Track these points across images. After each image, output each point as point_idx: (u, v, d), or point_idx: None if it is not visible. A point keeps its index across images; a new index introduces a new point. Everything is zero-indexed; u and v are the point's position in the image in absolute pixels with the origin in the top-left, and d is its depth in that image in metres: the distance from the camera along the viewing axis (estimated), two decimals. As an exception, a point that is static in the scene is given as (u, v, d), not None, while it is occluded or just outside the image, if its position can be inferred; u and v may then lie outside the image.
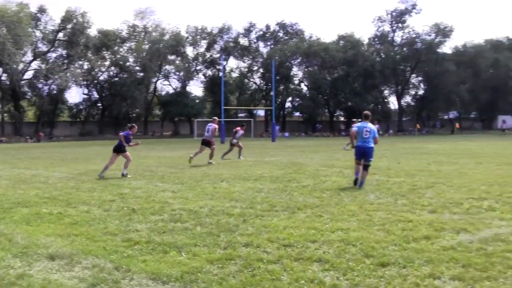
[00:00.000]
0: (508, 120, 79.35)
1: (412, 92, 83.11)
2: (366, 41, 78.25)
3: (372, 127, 13.03)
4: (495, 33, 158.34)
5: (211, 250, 6.52)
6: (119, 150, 16.04)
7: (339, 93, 73.18)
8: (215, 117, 22.02)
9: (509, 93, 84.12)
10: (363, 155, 12.79)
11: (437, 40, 74.09)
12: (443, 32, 73.61)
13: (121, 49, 73.13)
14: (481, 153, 25.25)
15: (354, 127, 13.30)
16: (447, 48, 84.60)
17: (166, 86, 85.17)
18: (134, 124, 16.89)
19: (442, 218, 8.26)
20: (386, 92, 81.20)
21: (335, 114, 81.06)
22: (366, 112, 13.72)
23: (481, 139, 43.46)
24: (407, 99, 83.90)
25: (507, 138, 43.02)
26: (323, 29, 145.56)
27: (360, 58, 71.12)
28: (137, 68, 71.28)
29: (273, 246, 6.70)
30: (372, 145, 12.89)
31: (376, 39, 77.82)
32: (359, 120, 15.26)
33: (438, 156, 23.12)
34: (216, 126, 20.80)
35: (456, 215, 8.59)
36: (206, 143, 20.64)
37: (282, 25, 79.26)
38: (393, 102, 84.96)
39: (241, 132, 23.60)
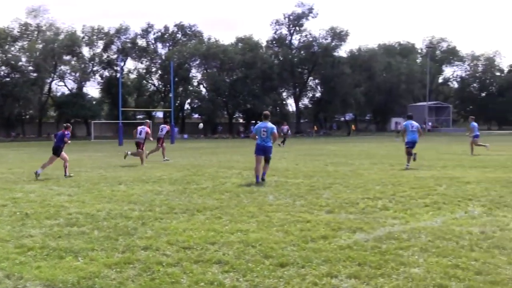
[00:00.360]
0: (401, 122, 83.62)
1: (310, 94, 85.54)
2: (264, 43, 79.60)
3: (270, 126, 14.17)
4: (387, 38, 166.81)
5: (109, 254, 6.36)
6: (57, 151, 16.13)
7: (238, 95, 73.80)
8: (148, 121, 23.34)
9: (401, 96, 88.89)
10: (263, 152, 14.09)
11: (333, 43, 76.62)
12: (339, 36, 76.26)
13: (12, 48, 69.52)
14: (376, 154, 26.41)
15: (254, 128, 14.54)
16: (343, 51, 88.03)
17: (61, 87, 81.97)
18: (69, 124, 17.59)
19: (339, 218, 8.52)
20: (284, 94, 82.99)
21: (234, 116, 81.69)
22: (266, 112, 14.82)
23: (376, 141, 45.47)
24: (305, 101, 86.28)
25: (391, 139, 45.27)
26: (222, 31, 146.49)
27: (259, 61, 72.15)
28: (30, 68, 67.99)
29: (172, 248, 6.62)
30: (270, 144, 14.14)
31: (274, 42, 79.26)
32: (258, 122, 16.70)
33: (335, 157, 23.90)
34: (148, 130, 21.37)
35: (352, 214, 8.90)
36: (137, 144, 21.19)
37: (180, 27, 78.73)
38: (291, 104, 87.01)
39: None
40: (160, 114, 79.61)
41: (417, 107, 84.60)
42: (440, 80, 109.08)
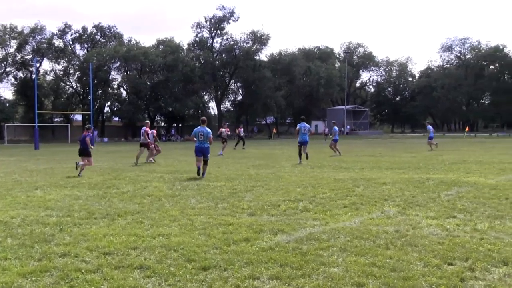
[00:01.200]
0: (320, 125, 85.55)
1: (231, 97, 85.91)
2: (186, 46, 79.12)
3: (206, 130, 16.29)
4: (307, 42, 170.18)
5: (23, 263, 6.12)
6: (84, 152, 17.44)
7: (159, 98, 72.97)
8: (147, 121, 24.84)
9: (320, 100, 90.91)
10: (201, 153, 16.19)
11: (254, 47, 77.13)
12: (260, 40, 76.83)
13: None
14: (296, 156, 26.80)
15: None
16: (264, 55, 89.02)
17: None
18: (90, 126, 19.27)
19: (261, 220, 8.60)
20: (206, 97, 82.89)
21: (156, 119, 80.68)
22: (203, 118, 17.06)
23: (296, 144, 46.10)
24: (227, 104, 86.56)
25: (320, 142, 46.23)
26: (142, 33, 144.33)
27: (180, 63, 71.61)
28: None
29: (92, 255, 6.46)
30: (207, 145, 16.39)
31: (195, 45, 78.92)
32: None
33: (256, 160, 24.10)
34: (147, 129, 23.28)
35: (274, 216, 9.00)
36: (144, 145, 23.11)
37: (99, 28, 76.84)
38: (213, 107, 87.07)
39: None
40: (78, 117, 77.47)
41: (336, 111, 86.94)
42: (358, 84, 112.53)
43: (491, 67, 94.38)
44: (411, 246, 6.73)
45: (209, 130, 16.43)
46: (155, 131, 25.12)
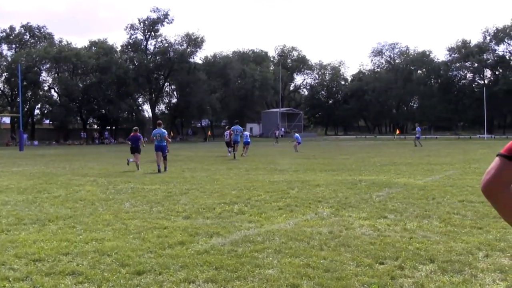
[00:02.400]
0: (254, 128, 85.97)
1: (166, 100, 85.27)
2: (119, 48, 77.82)
3: (162, 131, 20.32)
4: (241, 45, 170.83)
5: None
6: (136, 150, 20.86)
7: (92, 100, 71.42)
8: (160, 121, 24.80)
9: (255, 103, 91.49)
10: (160, 150, 19.71)
11: (189, 50, 76.83)
12: (195, 43, 76.63)
13: None
14: (231, 159, 26.87)
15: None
16: (198, 58, 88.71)
17: None
18: (137, 128, 22.94)
19: (196, 223, 8.56)
20: (140, 100, 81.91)
21: (88, 122, 78.91)
22: (159, 121, 22.50)
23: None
24: (161, 107, 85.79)
25: (261, 145, 46.53)
26: (74, 34, 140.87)
27: (114, 65, 70.38)
28: None
29: (21, 262, 6.23)
30: (164, 143, 20.04)
31: (129, 47, 77.82)
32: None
33: (191, 163, 23.99)
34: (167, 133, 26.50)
35: (209, 219, 8.98)
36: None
37: (28, 28, 74.41)
38: (147, 110, 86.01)
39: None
40: (7, 120, 74.75)
41: (271, 113, 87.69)
42: (292, 87, 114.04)
43: (419, 71, 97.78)
44: (344, 246, 6.85)
45: (164, 130, 20.59)
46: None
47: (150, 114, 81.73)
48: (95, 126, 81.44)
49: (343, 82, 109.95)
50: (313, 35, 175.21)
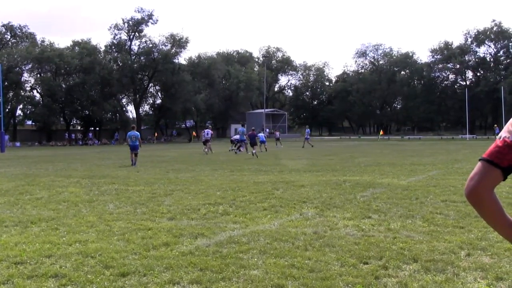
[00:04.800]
0: (239, 129, 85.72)
1: (150, 101, 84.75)
2: (103, 48, 77.33)
3: (136, 133, 23.96)
4: (226, 46, 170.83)
5: None
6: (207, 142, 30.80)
7: (75, 101, 70.90)
8: (134, 125, 30.63)
9: (240, 104, 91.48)
10: (133, 149, 23.27)
11: (173, 50, 76.52)
12: (179, 43, 76.32)
13: None
14: (216, 160, 26.87)
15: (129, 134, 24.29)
16: (183, 59, 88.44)
17: None
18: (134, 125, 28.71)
19: (181, 225, 8.54)
20: (124, 100, 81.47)
21: (72, 123, 78.33)
22: (133, 125, 27.17)
23: (216, 147, 46.20)
24: (146, 107, 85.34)
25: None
26: (56, 34, 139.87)
27: (97, 66, 69.93)
28: None
29: (2, 265, 6.16)
30: (137, 143, 23.44)
31: (113, 47, 77.34)
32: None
33: (176, 164, 23.94)
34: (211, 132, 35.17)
35: (194, 220, 8.96)
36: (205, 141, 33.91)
37: (9, 27, 73.68)
38: (131, 111, 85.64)
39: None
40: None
41: (255, 114, 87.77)
42: (276, 88, 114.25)
43: (402, 72, 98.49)
44: (329, 246, 6.88)
45: (137, 133, 24.45)
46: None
47: (134, 115, 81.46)
48: (79, 127, 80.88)
49: (327, 83, 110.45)
50: (298, 36, 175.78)
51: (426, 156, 27.30)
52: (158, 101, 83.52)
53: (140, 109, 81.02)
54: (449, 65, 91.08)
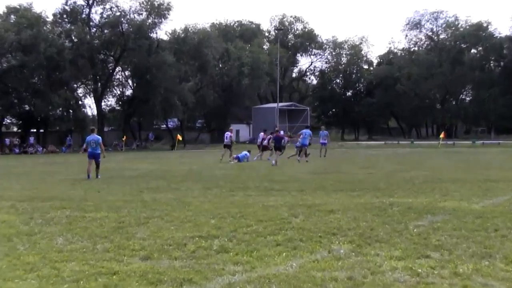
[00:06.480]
0: (242, 130, 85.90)
1: (118, 91, 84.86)
2: (50, 18, 77.32)
3: (97, 137, 25.10)
4: (223, 15, 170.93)
5: None
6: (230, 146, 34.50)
7: (10, 91, 70.87)
8: (93, 127, 29.79)
9: (243, 96, 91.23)
10: (93, 157, 24.70)
11: (150, 21, 76.41)
12: (158, 11, 76.23)
13: None
14: (211, 175, 26.82)
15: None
16: (163, 32, 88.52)
17: None
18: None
19: (159, 266, 8.50)
20: (80, 91, 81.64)
21: (5, 123, 78.28)
22: (93, 127, 27.63)
23: (211, 156, 46.19)
24: (111, 101, 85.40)
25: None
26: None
27: (42, 42, 69.85)
28: None
29: None
30: (99, 151, 24.94)
31: (65, 16, 77.38)
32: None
33: (153, 180, 23.91)
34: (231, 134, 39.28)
35: (178, 260, 8.93)
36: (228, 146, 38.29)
37: None
38: (90, 106, 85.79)
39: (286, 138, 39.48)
40: None
41: (265, 110, 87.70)
42: (295, 73, 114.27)
43: (473, 50, 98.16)
44: (369, 298, 6.81)
45: (99, 137, 25.40)
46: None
47: (95, 112, 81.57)
48: (15, 129, 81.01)
49: (366, 67, 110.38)
50: (325, 2, 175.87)
51: (509, 169, 27.16)
52: (129, 91, 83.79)
53: (103, 104, 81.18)
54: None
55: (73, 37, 75.60)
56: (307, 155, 36.89)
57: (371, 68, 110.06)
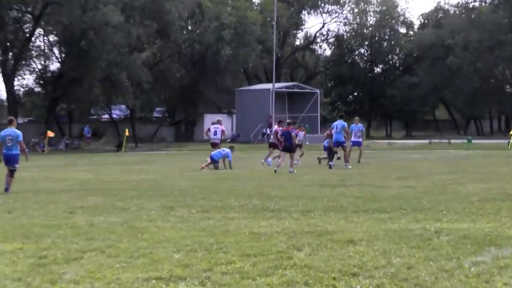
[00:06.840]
0: (223, 122, 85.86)
1: (37, 66, 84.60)
2: None
3: (16, 132, 24.82)
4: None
5: None
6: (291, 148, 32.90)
7: None
8: (12, 117, 30.09)
9: (222, 71, 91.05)
10: (8, 162, 24.74)
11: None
12: None
13: None
14: (174, 188, 26.80)
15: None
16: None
17: None
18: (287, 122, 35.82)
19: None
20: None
21: None
22: (10, 118, 26.85)
23: (176, 159, 46.28)
24: (28, 79, 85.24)
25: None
26: None
27: None
28: None
29: None
30: (16, 152, 24.95)
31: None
32: None
33: (90, 196, 23.94)
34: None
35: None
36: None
37: None
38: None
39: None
40: None
41: (256, 93, 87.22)
42: (298, 41, 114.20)
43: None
44: None
45: (19, 132, 25.22)
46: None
47: (4, 96, 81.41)
48: None
49: (403, 31, 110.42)
50: None
51: None
52: (54, 66, 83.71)
53: (16, 83, 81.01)
54: None
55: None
56: (332, 158, 38.31)
57: (411, 32, 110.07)
